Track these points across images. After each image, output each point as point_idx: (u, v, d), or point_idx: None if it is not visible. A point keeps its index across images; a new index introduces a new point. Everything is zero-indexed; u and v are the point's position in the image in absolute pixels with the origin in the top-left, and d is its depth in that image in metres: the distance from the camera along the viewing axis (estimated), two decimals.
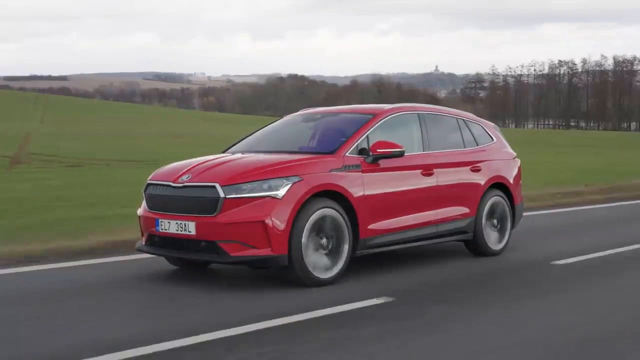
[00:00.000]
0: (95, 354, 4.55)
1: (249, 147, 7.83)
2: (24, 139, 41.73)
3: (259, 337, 5.03)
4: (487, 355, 4.74)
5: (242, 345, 4.82)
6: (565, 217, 12.62)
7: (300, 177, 6.54)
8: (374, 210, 7.05)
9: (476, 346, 4.91)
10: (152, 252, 7.00)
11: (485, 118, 9.81)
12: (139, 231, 7.44)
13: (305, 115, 8.43)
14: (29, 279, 6.93)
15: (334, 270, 6.70)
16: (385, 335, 5.07)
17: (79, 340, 4.94)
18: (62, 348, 4.77)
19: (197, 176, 6.68)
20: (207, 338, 4.94)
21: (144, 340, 4.83)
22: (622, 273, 7.68)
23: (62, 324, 5.38)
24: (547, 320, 5.58)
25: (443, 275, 7.39)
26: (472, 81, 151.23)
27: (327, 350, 4.75)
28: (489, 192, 8.46)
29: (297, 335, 5.05)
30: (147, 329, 5.28)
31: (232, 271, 7.36)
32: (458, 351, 4.80)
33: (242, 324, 5.26)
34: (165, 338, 4.88)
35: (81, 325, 5.32)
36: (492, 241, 8.47)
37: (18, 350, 4.73)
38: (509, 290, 6.83)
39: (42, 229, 9.65)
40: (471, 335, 5.18)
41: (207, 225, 6.39)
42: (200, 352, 4.67)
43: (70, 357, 4.55)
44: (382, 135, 7.41)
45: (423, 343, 4.97)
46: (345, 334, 5.10)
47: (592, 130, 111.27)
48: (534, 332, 5.23)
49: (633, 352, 4.86)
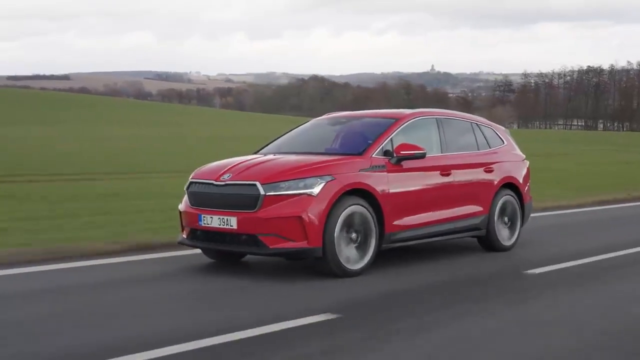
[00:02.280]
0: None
1: (279, 149, 8.44)
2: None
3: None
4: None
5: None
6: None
7: (333, 177, 7.17)
8: (397, 208, 7.68)
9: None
10: (194, 245, 7.62)
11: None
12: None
13: (331, 118, 9.06)
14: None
15: (363, 262, 7.34)
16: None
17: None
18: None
19: (237, 175, 7.31)
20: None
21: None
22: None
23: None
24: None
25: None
26: (500, 84, 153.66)
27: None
28: (500, 191, 9.10)
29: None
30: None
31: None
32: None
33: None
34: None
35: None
36: (503, 237, 9.10)
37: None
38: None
39: None
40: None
41: (248, 220, 7.02)
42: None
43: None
44: (404, 138, 8.04)
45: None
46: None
47: (635, 132, 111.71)
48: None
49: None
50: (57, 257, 8.02)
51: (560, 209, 14.29)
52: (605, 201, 15.89)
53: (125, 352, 4.72)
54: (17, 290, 6.66)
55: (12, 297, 6.37)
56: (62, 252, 8.22)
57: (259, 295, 6.58)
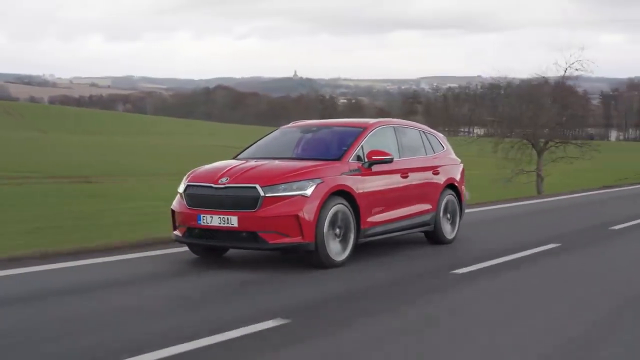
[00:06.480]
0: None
1: (258, 154, 9.31)
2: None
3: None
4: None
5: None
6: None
7: (322, 179, 8.14)
8: (370, 206, 8.75)
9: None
10: (192, 242, 8.40)
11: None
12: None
13: (301, 126, 9.99)
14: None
15: (344, 254, 8.37)
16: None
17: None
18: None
19: (236, 178, 8.15)
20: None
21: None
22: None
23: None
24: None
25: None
26: (410, 97, 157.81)
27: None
28: (444, 191, 10.37)
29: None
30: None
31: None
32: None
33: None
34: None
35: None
36: (447, 232, 10.37)
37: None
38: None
39: None
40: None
41: (249, 218, 7.88)
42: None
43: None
44: (371, 145, 9.08)
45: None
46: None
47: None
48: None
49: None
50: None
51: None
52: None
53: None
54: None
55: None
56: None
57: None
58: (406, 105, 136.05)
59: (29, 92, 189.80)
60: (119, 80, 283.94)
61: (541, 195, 24.16)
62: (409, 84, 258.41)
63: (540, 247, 10.02)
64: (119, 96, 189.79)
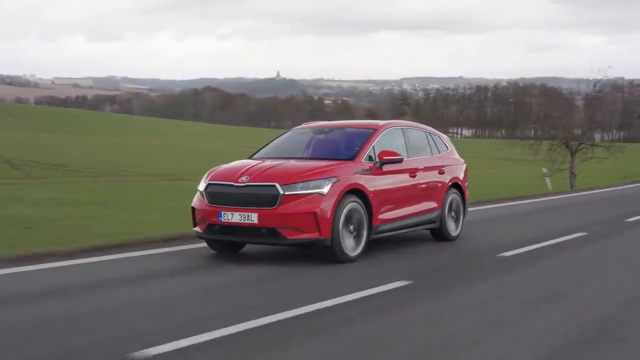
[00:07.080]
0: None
1: (272, 154, 9.67)
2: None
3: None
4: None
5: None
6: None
7: (337, 178, 8.51)
8: (381, 204, 9.13)
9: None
10: (212, 238, 8.73)
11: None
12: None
13: (314, 128, 10.35)
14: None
15: (358, 250, 8.73)
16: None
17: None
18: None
19: (256, 177, 8.50)
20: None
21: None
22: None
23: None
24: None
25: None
26: (398, 98, 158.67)
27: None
28: (449, 190, 10.76)
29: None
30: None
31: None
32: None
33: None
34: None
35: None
36: (451, 229, 10.76)
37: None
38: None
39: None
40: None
41: (269, 215, 8.24)
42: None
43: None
44: (381, 145, 9.46)
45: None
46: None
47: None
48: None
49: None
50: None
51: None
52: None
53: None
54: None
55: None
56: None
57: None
58: (395, 107, 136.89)
59: (15, 93, 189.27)
60: (100, 80, 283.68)
61: (555, 192, 25.75)
62: (391, 85, 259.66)
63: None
64: (105, 97, 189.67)
